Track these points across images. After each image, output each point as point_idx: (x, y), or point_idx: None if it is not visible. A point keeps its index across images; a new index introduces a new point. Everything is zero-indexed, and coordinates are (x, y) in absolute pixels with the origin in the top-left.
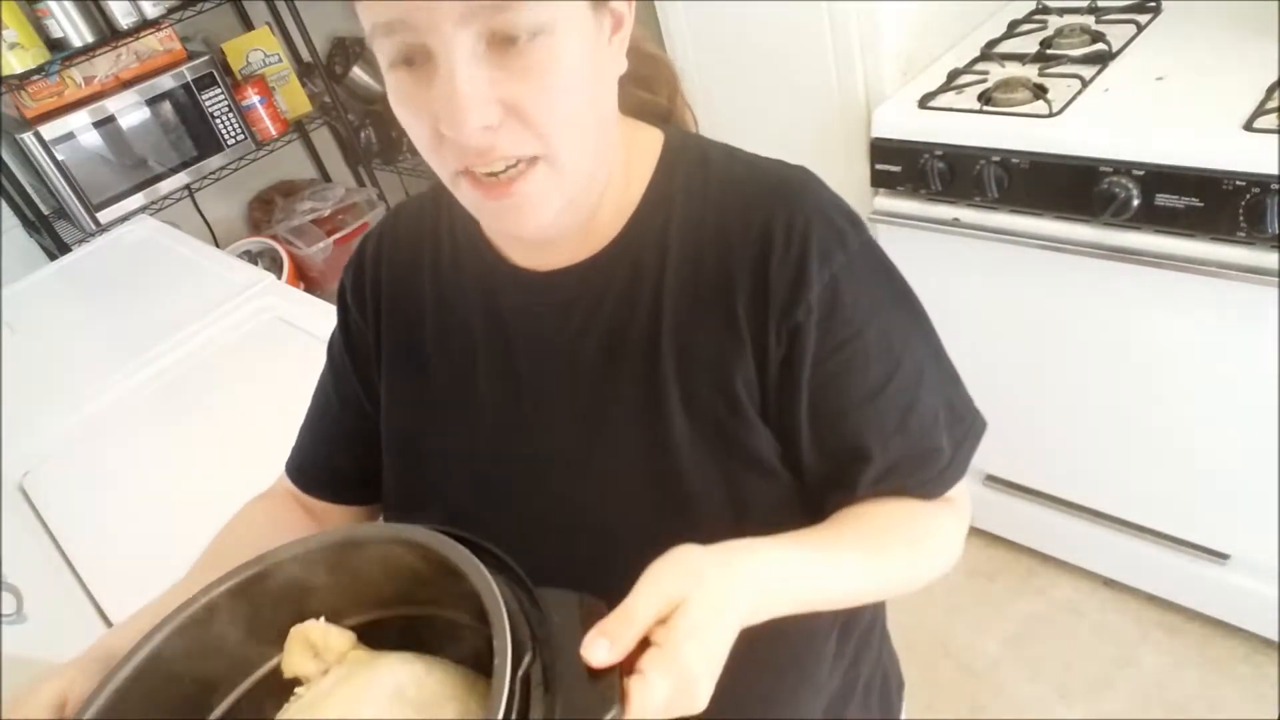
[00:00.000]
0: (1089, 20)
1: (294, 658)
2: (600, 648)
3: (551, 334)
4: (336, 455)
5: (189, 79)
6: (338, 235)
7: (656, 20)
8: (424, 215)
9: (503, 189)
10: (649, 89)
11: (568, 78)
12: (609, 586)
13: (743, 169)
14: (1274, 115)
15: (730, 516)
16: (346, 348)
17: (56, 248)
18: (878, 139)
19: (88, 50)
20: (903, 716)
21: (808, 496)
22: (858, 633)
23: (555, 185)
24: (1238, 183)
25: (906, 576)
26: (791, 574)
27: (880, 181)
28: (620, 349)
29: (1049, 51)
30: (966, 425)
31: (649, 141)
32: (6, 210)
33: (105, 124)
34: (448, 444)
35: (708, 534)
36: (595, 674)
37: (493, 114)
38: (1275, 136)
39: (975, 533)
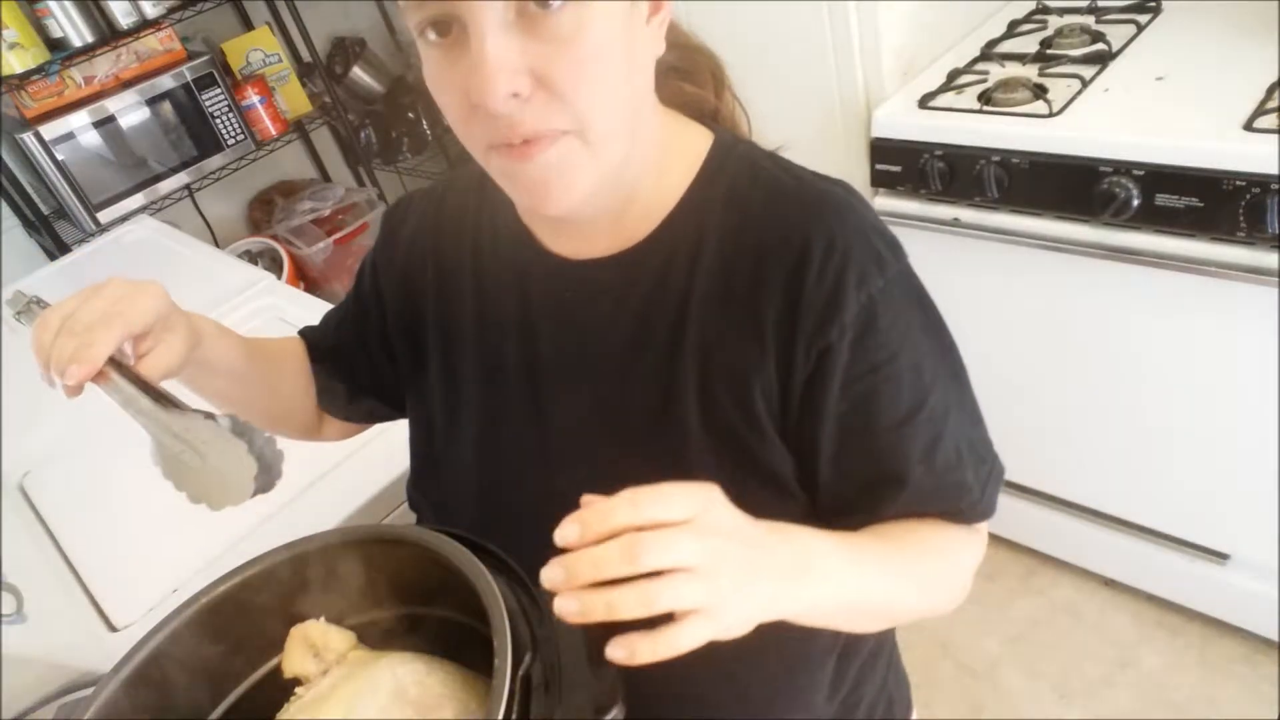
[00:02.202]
0: (1089, 20)
1: (294, 658)
2: (569, 530)
3: (578, 322)
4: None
5: (189, 79)
6: (338, 235)
7: None
8: (469, 198)
9: (529, 151)
10: (693, 82)
11: (600, 49)
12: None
13: (790, 181)
14: (1274, 115)
15: None
16: (360, 311)
17: (56, 248)
18: (878, 139)
19: (88, 50)
20: None
21: (820, 518)
22: (859, 660)
23: (586, 161)
24: (1238, 183)
25: (920, 600)
26: (821, 554)
27: (880, 181)
28: (643, 344)
29: (1049, 51)
30: (989, 466)
31: (696, 140)
32: (6, 210)
33: (105, 124)
34: (473, 422)
35: None
36: (597, 673)
37: (522, 83)
38: (1275, 136)
39: None
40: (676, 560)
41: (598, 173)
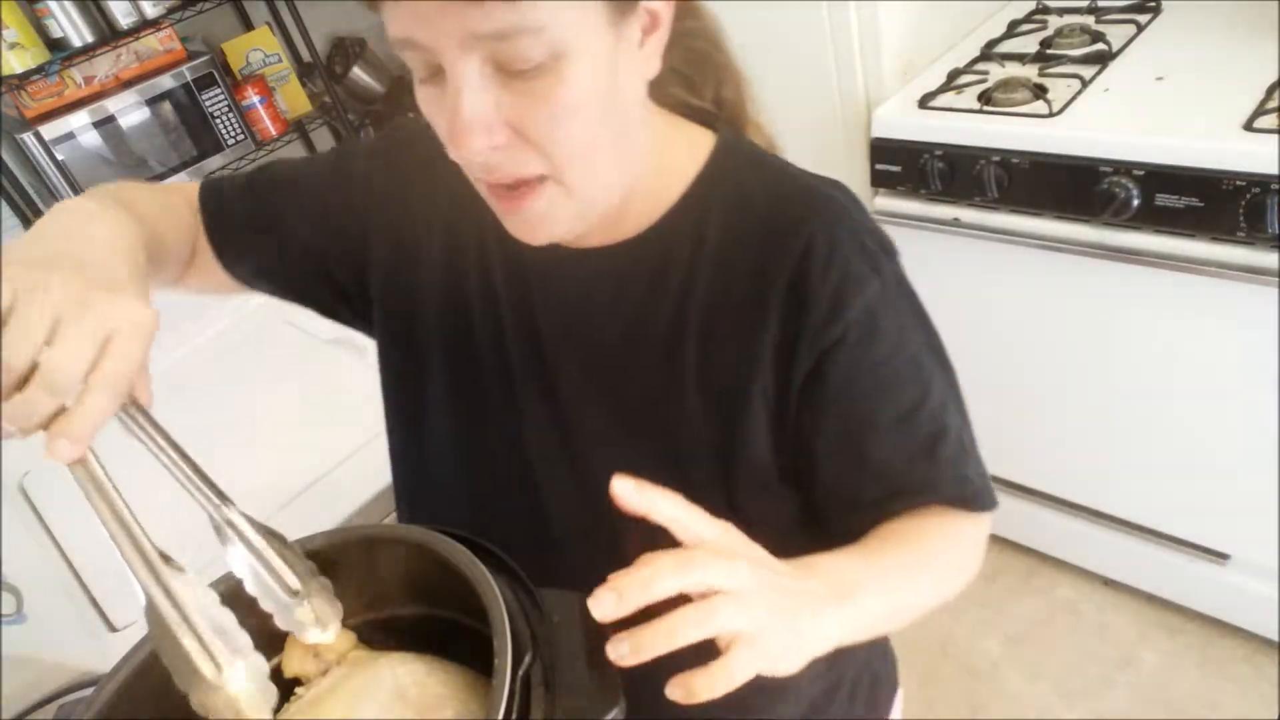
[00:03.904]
0: (1089, 20)
1: (294, 658)
2: (606, 601)
3: (574, 309)
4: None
5: (189, 79)
6: None
7: None
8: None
9: (514, 202)
10: (690, 89)
11: (578, 101)
12: (597, 563)
13: (789, 182)
14: (1274, 115)
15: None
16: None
17: None
18: (878, 139)
19: (88, 50)
20: (895, 717)
21: (816, 512)
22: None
23: (564, 203)
24: (1238, 183)
25: (936, 593)
26: (848, 576)
27: (880, 181)
28: (641, 336)
29: (1049, 51)
30: (981, 463)
31: (698, 142)
32: (6, 210)
33: (105, 124)
34: (446, 389)
35: None
36: (597, 673)
37: (498, 136)
38: (1275, 136)
39: None
40: (717, 578)
41: (578, 210)
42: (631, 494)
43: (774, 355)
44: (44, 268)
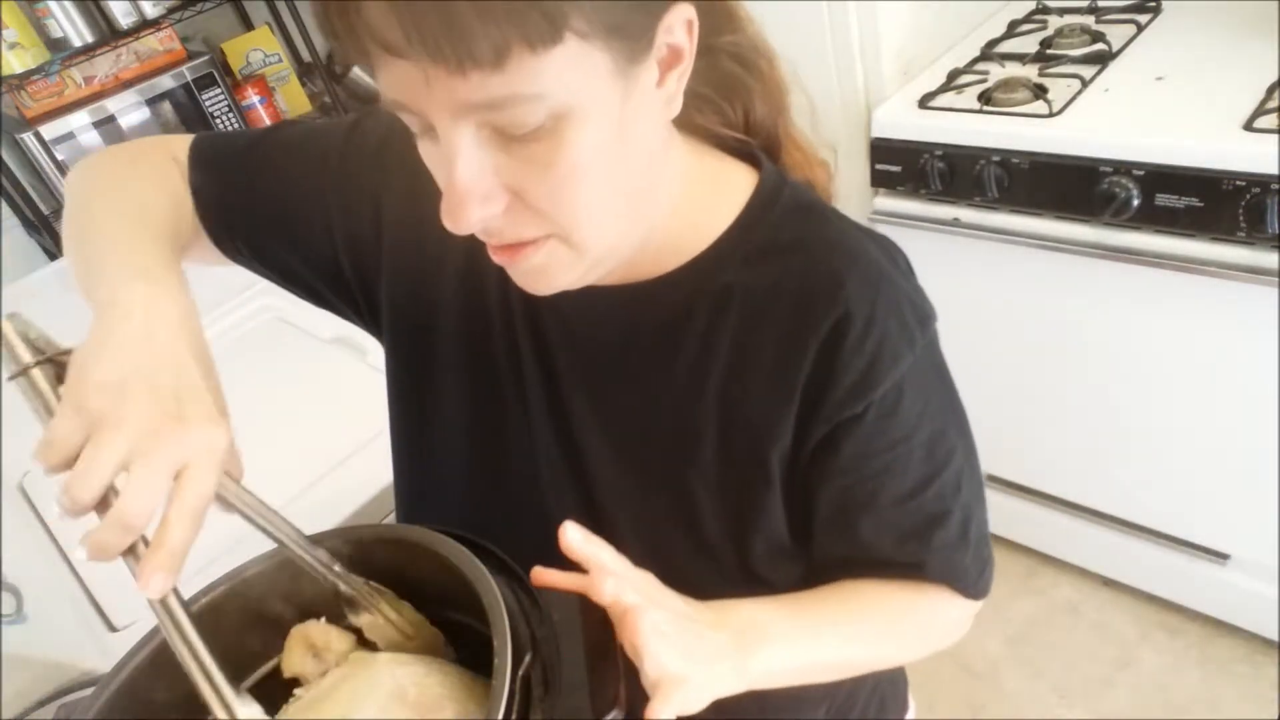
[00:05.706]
0: (1089, 20)
1: (294, 658)
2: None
3: (584, 349)
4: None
5: (189, 79)
6: None
7: None
8: None
9: (514, 253)
10: (720, 115)
11: (584, 163)
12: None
13: (831, 238)
14: (1274, 115)
15: (740, 581)
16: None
17: (56, 248)
18: (878, 139)
19: (88, 50)
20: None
21: (809, 566)
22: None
23: (569, 260)
24: (1238, 183)
25: (886, 659)
26: (767, 628)
27: (880, 181)
28: (652, 392)
29: (1049, 51)
30: (986, 551)
31: (734, 185)
32: (6, 210)
33: (105, 124)
34: (462, 414)
35: (713, 594)
36: (597, 673)
37: (495, 203)
38: (1275, 136)
39: None
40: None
41: (585, 265)
42: (580, 543)
43: (795, 421)
44: (118, 395)
